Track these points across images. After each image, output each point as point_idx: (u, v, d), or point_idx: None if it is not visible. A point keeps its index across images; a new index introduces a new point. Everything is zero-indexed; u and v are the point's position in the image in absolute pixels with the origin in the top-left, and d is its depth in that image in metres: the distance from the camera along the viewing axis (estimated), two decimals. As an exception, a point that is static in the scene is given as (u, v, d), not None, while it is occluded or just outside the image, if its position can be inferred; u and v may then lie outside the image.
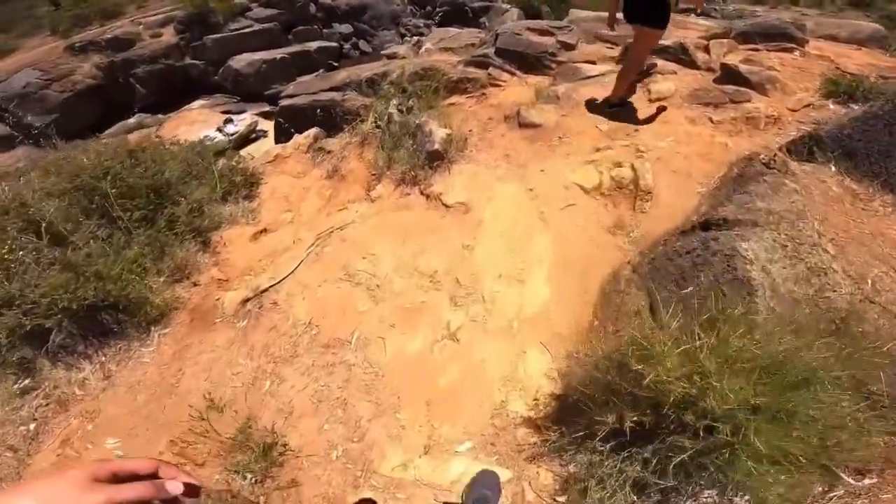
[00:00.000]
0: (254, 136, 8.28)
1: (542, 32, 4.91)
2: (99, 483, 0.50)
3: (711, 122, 3.17)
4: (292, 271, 2.50)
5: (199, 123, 10.87)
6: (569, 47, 4.70)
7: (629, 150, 3.01)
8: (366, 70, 5.57)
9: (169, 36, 11.39)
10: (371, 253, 2.61)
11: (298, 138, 4.68)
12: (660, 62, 4.01)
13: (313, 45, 11.72)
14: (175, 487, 0.55)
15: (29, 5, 15.25)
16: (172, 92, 11.38)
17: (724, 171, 2.66)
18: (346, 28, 12.46)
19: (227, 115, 9.46)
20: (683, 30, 5.50)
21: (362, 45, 12.42)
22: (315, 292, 2.43)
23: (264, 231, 3.07)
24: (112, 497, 0.49)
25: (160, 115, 11.45)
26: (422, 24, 12.77)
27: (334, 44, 11.90)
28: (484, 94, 4.56)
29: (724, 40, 4.33)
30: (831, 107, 3.18)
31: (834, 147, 2.56)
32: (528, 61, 4.62)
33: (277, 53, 11.31)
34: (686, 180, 2.73)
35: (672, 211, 2.53)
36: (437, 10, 12.96)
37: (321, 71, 11.65)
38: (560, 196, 2.84)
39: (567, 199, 2.82)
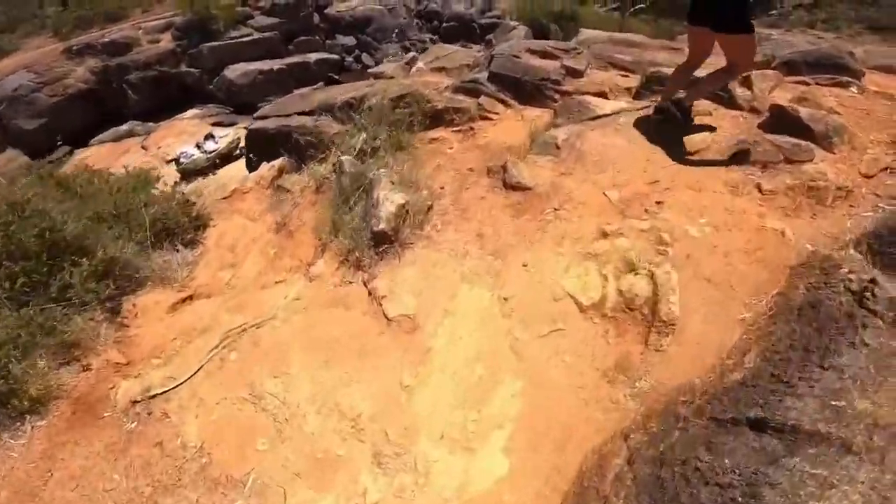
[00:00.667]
0: (237, 153, 7.75)
1: (545, 55, 4.33)
2: None
3: (760, 191, 2.50)
4: (189, 377, 1.92)
5: (186, 135, 10.40)
6: (575, 74, 4.12)
7: (648, 237, 2.32)
8: (344, 92, 5.04)
9: (167, 42, 11.03)
10: (285, 371, 2.03)
11: (263, 169, 4.14)
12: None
13: (313, 56, 11.28)
14: None
15: (39, 4, 15.08)
16: (166, 99, 11.01)
17: (783, 284, 1.99)
18: (349, 40, 12.02)
19: (209, 131, 8.98)
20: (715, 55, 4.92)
21: (365, 58, 11.96)
22: (211, 411, 1.86)
23: (190, 298, 2.54)
24: None
25: (151, 124, 11.08)
26: (427, 39, 12.30)
27: (336, 56, 11.45)
28: (472, 128, 3.98)
29: (769, 71, 3.70)
30: (917, 171, 2.54)
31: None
32: (526, 90, 4.05)
33: (275, 64, 10.89)
34: (725, 297, 2.05)
35: (701, 350, 1.86)
36: (444, 24, 12.50)
37: (320, 84, 11.18)
38: (545, 313, 2.17)
39: (554, 318, 2.14)
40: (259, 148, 4.57)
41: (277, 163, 4.07)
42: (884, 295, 1.62)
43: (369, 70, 6.38)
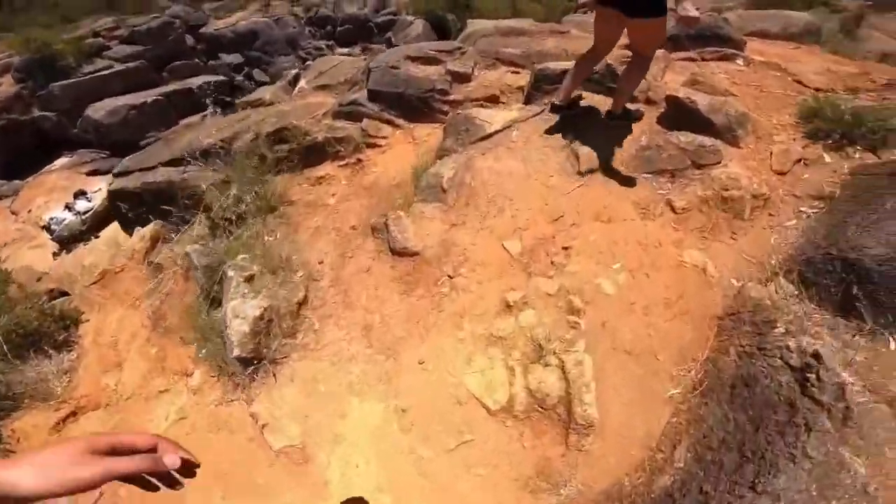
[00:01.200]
0: (115, 209, 6.63)
1: (427, 60, 3.79)
2: (97, 455, 0.50)
3: (673, 209, 2.13)
4: None
5: (58, 191, 8.94)
6: (462, 78, 3.61)
7: (557, 305, 1.92)
8: (212, 132, 4.29)
9: (8, 86, 9.40)
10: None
11: (134, 240, 3.36)
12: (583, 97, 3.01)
13: (196, 80, 10.10)
14: (172, 461, 0.55)
15: None
16: (20, 150, 9.43)
17: (712, 343, 1.65)
18: (235, 58, 10.90)
19: (80, 188, 7.73)
20: (589, 38, 4.56)
21: (257, 74, 10.91)
22: None
23: (73, 414, 2.20)
24: (109, 469, 0.50)
25: (17, 181, 9.48)
26: (323, 46, 11.44)
27: (222, 77, 10.32)
28: (359, 160, 3.40)
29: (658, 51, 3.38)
30: (827, 158, 2.25)
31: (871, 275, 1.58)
32: (411, 105, 3.50)
33: (148, 96, 9.62)
34: (648, 371, 1.69)
35: (627, 443, 1.51)
36: (339, 28, 11.68)
37: (209, 111, 10.10)
38: (449, 422, 1.77)
39: (460, 428, 1.74)
40: (126, 211, 3.74)
41: (149, 230, 3.31)
42: (831, 379, 1.27)
43: (244, 99, 5.55)
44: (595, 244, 2.04)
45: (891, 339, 1.62)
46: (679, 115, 2.56)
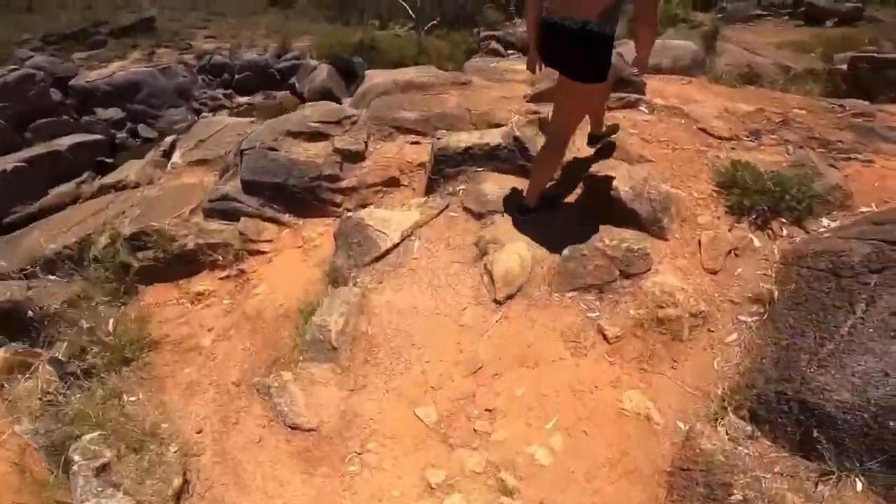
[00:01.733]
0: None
1: (311, 136, 3.25)
2: None
3: (606, 339, 1.78)
4: None
5: None
6: (355, 158, 3.11)
7: (487, 486, 1.51)
8: (57, 232, 3.50)
9: None
10: None
11: None
12: (488, 179, 2.64)
13: (65, 141, 8.81)
14: None
15: None
16: None
17: None
18: (114, 112, 9.69)
19: None
20: (500, 83, 4.34)
21: (143, 130, 9.77)
22: None
23: None
24: None
25: None
26: (220, 95, 10.58)
27: (98, 136, 9.07)
28: (241, 271, 2.81)
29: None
30: (756, 241, 2.03)
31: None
32: (296, 197, 2.96)
33: (7, 162, 8.22)
34: None
35: None
36: (237, 76, 10.87)
37: (87, 174, 8.81)
38: None
39: None
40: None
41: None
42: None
43: (103, 181, 4.70)
44: (523, 400, 1.64)
45: (857, 480, 1.37)
46: (598, 204, 2.26)
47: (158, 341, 2.53)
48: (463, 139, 2.78)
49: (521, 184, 2.50)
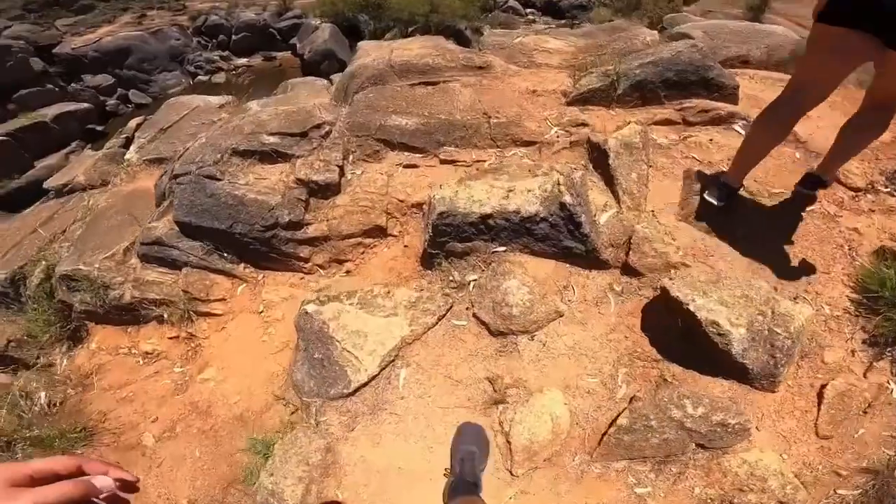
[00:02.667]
0: None
1: (265, 157, 2.41)
2: (18, 488, 0.45)
3: None
4: None
5: None
6: (325, 192, 2.30)
7: None
8: None
9: None
10: None
11: None
12: (515, 270, 1.76)
13: (51, 111, 8.23)
14: (105, 483, 0.49)
15: None
16: None
17: None
18: (103, 79, 8.95)
19: None
20: (528, 68, 3.26)
21: (134, 96, 9.05)
22: None
23: None
24: (36, 500, 0.44)
25: None
26: (217, 57, 9.66)
27: (86, 104, 8.43)
28: (192, 335, 2.20)
29: (635, 125, 2.21)
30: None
31: None
32: (247, 249, 2.26)
33: (-11, 136, 7.70)
34: None
35: None
36: (234, 37, 9.89)
37: (76, 144, 8.29)
38: None
39: None
40: None
41: None
42: None
43: (52, 181, 4.05)
44: None
45: None
46: (692, 341, 1.43)
47: (94, 431, 1.99)
48: (478, 197, 1.82)
49: (568, 277, 1.71)
